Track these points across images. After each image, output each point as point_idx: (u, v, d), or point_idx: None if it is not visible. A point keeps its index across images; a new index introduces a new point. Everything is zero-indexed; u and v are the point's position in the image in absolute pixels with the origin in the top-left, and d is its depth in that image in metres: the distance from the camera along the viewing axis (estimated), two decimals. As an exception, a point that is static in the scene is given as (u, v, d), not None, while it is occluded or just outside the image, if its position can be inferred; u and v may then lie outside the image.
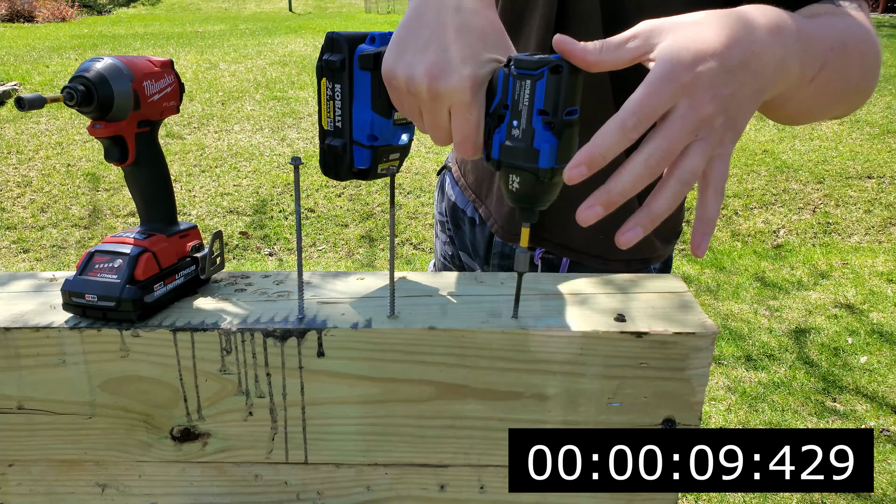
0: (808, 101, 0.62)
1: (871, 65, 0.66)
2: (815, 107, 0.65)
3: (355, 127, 0.61)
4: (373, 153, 0.62)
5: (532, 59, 0.51)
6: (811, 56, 0.57)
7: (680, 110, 0.48)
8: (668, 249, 0.99)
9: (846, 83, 0.64)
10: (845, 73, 0.62)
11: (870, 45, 0.66)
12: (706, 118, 0.49)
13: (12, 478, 0.65)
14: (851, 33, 0.65)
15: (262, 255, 3.65)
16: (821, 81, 0.59)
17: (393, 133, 0.62)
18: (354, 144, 0.61)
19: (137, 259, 0.60)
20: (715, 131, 0.50)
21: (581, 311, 0.61)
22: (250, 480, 0.64)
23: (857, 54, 0.63)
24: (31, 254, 3.60)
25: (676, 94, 0.48)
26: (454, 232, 1.11)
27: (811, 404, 2.47)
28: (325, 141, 0.63)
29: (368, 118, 0.60)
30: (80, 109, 0.57)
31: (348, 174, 0.63)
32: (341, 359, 0.59)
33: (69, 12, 11.91)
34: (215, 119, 5.19)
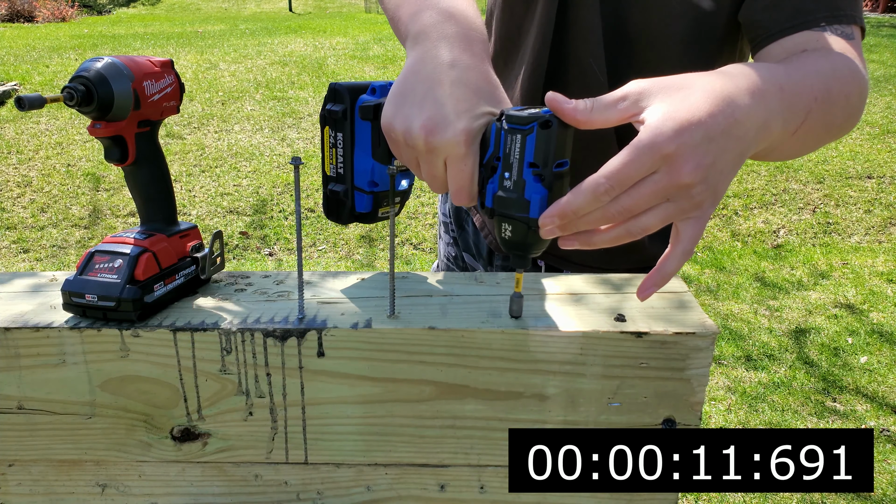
0: (791, 149, 0.65)
1: (855, 104, 0.68)
2: (797, 152, 0.67)
3: (356, 174, 0.64)
4: (373, 199, 0.65)
5: (523, 115, 0.53)
6: (794, 112, 0.58)
7: (657, 175, 0.50)
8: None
9: (829, 126, 0.65)
10: (829, 118, 0.64)
11: (855, 85, 0.67)
12: (682, 186, 0.50)
13: (12, 478, 0.65)
14: (838, 76, 0.66)
15: (262, 255, 3.65)
16: (803, 131, 0.60)
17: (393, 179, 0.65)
18: (356, 190, 0.65)
19: (137, 259, 0.60)
20: (691, 198, 0.51)
21: (581, 311, 0.61)
22: (250, 480, 0.64)
23: (842, 98, 0.65)
24: (31, 254, 3.60)
25: (656, 163, 0.50)
26: (457, 233, 1.11)
27: (811, 404, 2.47)
28: (327, 186, 0.66)
29: (369, 166, 0.64)
30: (80, 109, 0.57)
31: (350, 218, 0.66)
32: (341, 359, 0.59)
33: (69, 12, 11.91)
34: (215, 119, 5.19)
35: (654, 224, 0.51)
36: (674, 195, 0.50)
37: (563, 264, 0.97)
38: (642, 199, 0.50)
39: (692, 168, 0.49)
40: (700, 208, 0.52)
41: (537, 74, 0.87)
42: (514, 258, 0.57)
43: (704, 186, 0.50)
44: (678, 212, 0.51)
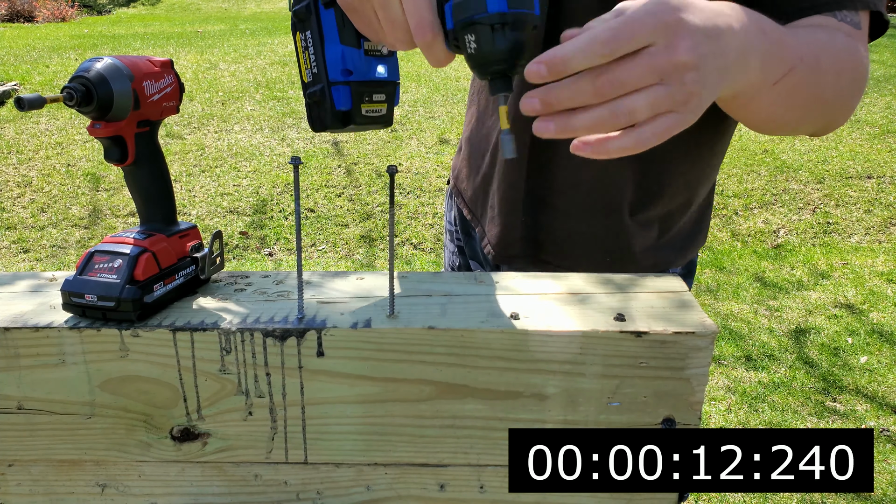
0: (774, 106, 0.63)
1: (849, 85, 0.67)
2: (782, 114, 0.65)
3: (329, 67, 0.62)
4: (351, 90, 0.62)
5: None
6: (775, 58, 0.58)
7: (655, 48, 0.48)
8: (687, 256, 0.98)
9: (817, 97, 0.65)
10: (816, 86, 0.63)
11: (850, 66, 0.67)
12: (678, 65, 0.48)
13: (12, 478, 0.65)
14: (831, 50, 0.65)
15: (261, 255, 3.65)
16: (786, 87, 0.60)
17: (367, 65, 0.63)
18: (332, 85, 0.62)
19: (137, 259, 0.60)
20: (683, 84, 0.48)
21: (580, 310, 0.61)
22: (250, 480, 0.64)
23: (833, 71, 0.64)
24: (31, 254, 3.60)
25: (658, 31, 0.47)
26: (464, 241, 1.10)
27: (811, 404, 2.47)
28: (306, 93, 0.64)
29: (339, 53, 0.62)
30: (80, 109, 0.57)
31: (334, 120, 0.63)
32: (341, 358, 0.59)
33: (69, 12, 11.91)
34: (215, 119, 5.19)
35: (641, 107, 0.48)
36: (668, 75, 0.48)
37: None
38: (636, 70, 0.47)
39: (690, 46, 0.48)
40: (686, 105, 0.49)
41: None
42: (492, 82, 0.52)
43: (697, 76, 0.49)
44: (667, 98, 0.49)
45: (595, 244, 0.93)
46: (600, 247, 0.93)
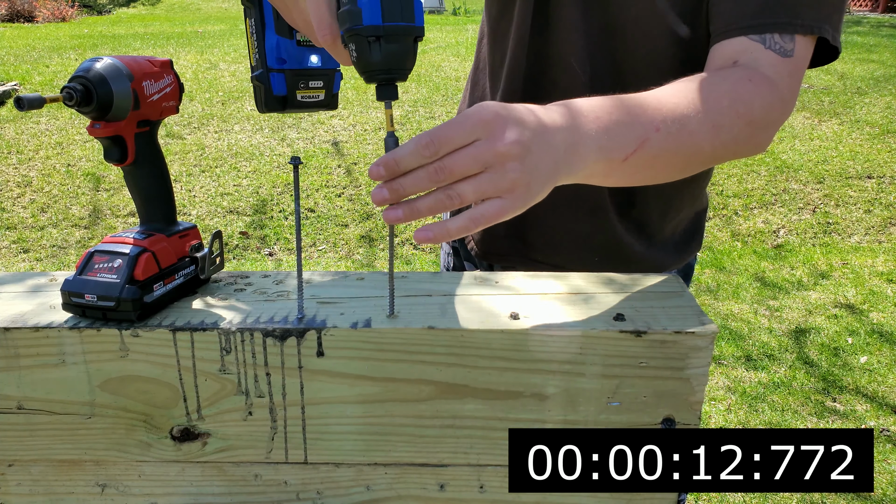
0: (638, 175, 0.65)
1: (742, 130, 0.67)
2: (652, 177, 0.67)
3: (267, 54, 0.66)
4: (285, 77, 0.67)
5: None
6: (615, 139, 0.60)
7: (480, 141, 0.53)
8: (683, 259, 0.98)
9: (690, 155, 0.66)
10: (684, 146, 0.64)
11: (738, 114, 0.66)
12: (498, 155, 0.52)
13: (12, 478, 0.65)
14: (708, 110, 0.65)
15: (261, 255, 3.65)
16: (643, 158, 0.62)
17: (300, 54, 0.68)
18: (270, 72, 0.67)
19: (137, 259, 0.60)
20: (505, 173, 0.53)
21: (580, 310, 0.61)
22: (250, 480, 0.64)
23: (708, 129, 0.65)
24: (31, 254, 3.60)
25: (478, 128, 0.53)
26: (458, 242, 1.10)
27: (811, 404, 2.47)
28: (252, 76, 0.68)
29: (274, 42, 0.66)
30: (80, 109, 0.57)
31: (273, 103, 0.68)
32: (341, 358, 0.59)
33: (69, 12, 11.91)
34: (215, 119, 5.19)
35: (468, 193, 0.53)
36: (492, 164, 0.53)
37: None
38: (463, 160, 0.52)
39: (512, 139, 0.53)
40: (512, 192, 0.54)
41: (515, 74, 0.87)
42: (378, 89, 0.56)
43: (520, 166, 0.53)
44: (492, 186, 0.53)
45: (583, 242, 0.93)
46: (588, 245, 0.93)
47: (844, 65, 6.79)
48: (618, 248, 0.93)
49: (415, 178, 0.54)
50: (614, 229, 0.92)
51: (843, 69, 6.62)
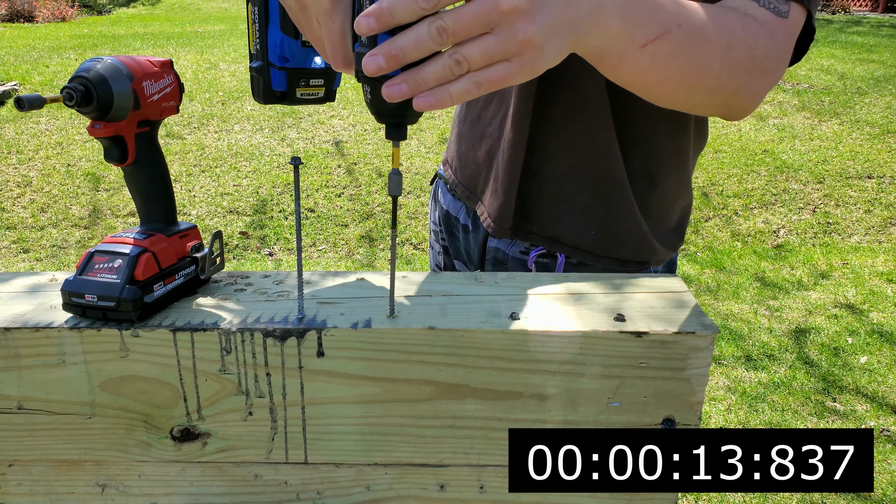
0: (650, 71, 0.61)
1: (745, 63, 0.65)
2: (661, 80, 0.63)
3: (269, 48, 0.65)
4: (287, 75, 0.65)
5: None
6: (640, 18, 0.56)
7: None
8: (668, 254, 0.99)
9: (700, 67, 0.62)
10: (698, 54, 0.61)
11: (746, 44, 0.64)
12: (507, 11, 0.47)
13: (12, 478, 0.65)
14: (724, 24, 0.63)
15: (261, 255, 3.65)
16: (660, 51, 0.58)
17: (304, 55, 0.66)
18: (271, 67, 0.65)
19: (137, 259, 0.60)
20: (514, 33, 0.48)
21: (580, 310, 0.61)
22: (250, 480, 0.64)
23: (721, 44, 0.63)
24: (31, 254, 3.60)
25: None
26: (448, 241, 1.10)
27: (811, 404, 2.47)
28: (250, 65, 0.67)
29: (279, 39, 0.64)
30: (80, 109, 0.57)
31: (270, 97, 0.66)
32: (341, 359, 0.59)
33: (69, 12, 11.91)
34: (215, 119, 5.19)
35: (475, 56, 0.48)
36: (498, 23, 0.48)
37: (555, 246, 0.95)
38: (465, 18, 0.47)
39: None
40: (521, 55, 0.49)
41: None
42: (387, 129, 0.55)
43: (531, 23, 0.48)
44: (500, 47, 0.48)
45: (582, 214, 0.93)
46: (587, 217, 0.93)
47: (844, 65, 6.79)
48: (614, 226, 0.92)
49: (416, 38, 0.48)
50: (615, 206, 0.91)
51: (843, 69, 6.62)
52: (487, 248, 1.01)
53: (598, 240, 0.93)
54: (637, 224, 0.92)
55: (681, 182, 0.96)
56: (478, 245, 1.03)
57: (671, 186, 0.95)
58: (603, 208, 0.92)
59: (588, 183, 0.91)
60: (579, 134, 0.89)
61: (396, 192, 0.56)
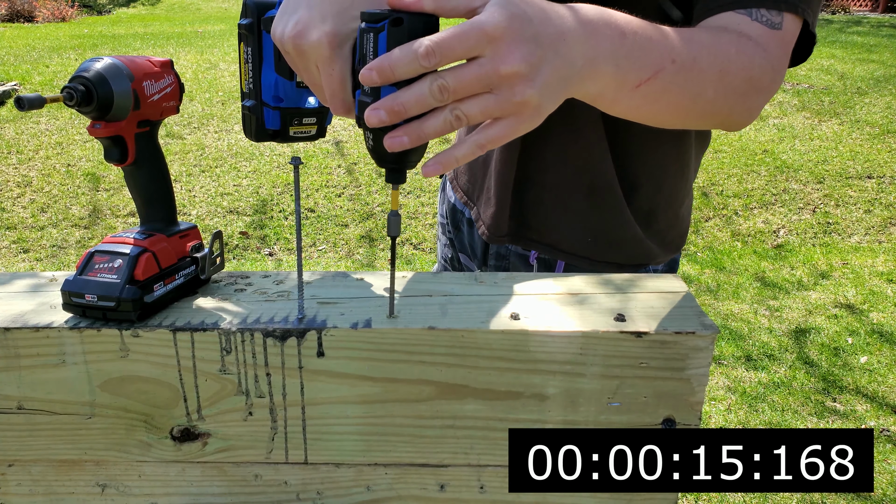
0: (645, 107, 0.62)
1: (741, 85, 0.65)
2: (656, 113, 0.64)
3: (263, 88, 0.65)
4: (280, 115, 0.66)
5: (375, 13, 0.51)
6: (636, 62, 0.57)
7: (484, 59, 0.49)
8: (667, 255, 0.99)
9: (695, 96, 0.63)
10: (692, 86, 0.62)
11: (740, 67, 0.64)
12: (506, 75, 0.49)
13: (12, 478, 0.65)
14: (716, 50, 0.64)
15: (262, 255, 3.65)
16: (654, 89, 0.59)
17: (298, 95, 0.66)
18: (264, 106, 0.65)
19: (137, 259, 0.60)
20: (513, 94, 0.49)
21: (581, 310, 0.61)
22: (250, 480, 0.64)
23: (715, 73, 0.63)
24: (31, 254, 3.60)
25: (482, 42, 0.48)
26: (454, 234, 1.12)
27: (811, 404, 2.47)
28: (242, 102, 0.67)
29: (273, 80, 0.65)
30: (80, 109, 0.57)
31: (262, 135, 0.66)
32: (341, 359, 0.59)
33: (69, 12, 11.90)
34: (215, 119, 5.19)
35: (475, 113, 0.50)
36: (497, 85, 0.49)
37: (552, 253, 0.95)
38: (466, 79, 0.49)
39: (519, 59, 0.49)
40: (520, 114, 0.51)
41: None
42: (387, 172, 0.56)
43: (529, 86, 0.49)
44: (499, 107, 0.50)
45: (579, 221, 0.93)
46: (584, 225, 0.93)
47: (844, 65, 6.79)
48: (612, 232, 0.93)
49: (417, 95, 0.49)
50: (611, 213, 0.92)
51: (843, 69, 6.62)
52: (490, 244, 1.02)
53: (595, 246, 0.94)
54: (633, 230, 0.93)
55: (684, 185, 0.97)
56: (481, 240, 1.04)
57: (674, 191, 0.95)
58: (598, 216, 0.93)
59: (584, 191, 0.92)
60: (572, 144, 0.90)
61: (395, 232, 0.57)
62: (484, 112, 0.50)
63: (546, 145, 0.92)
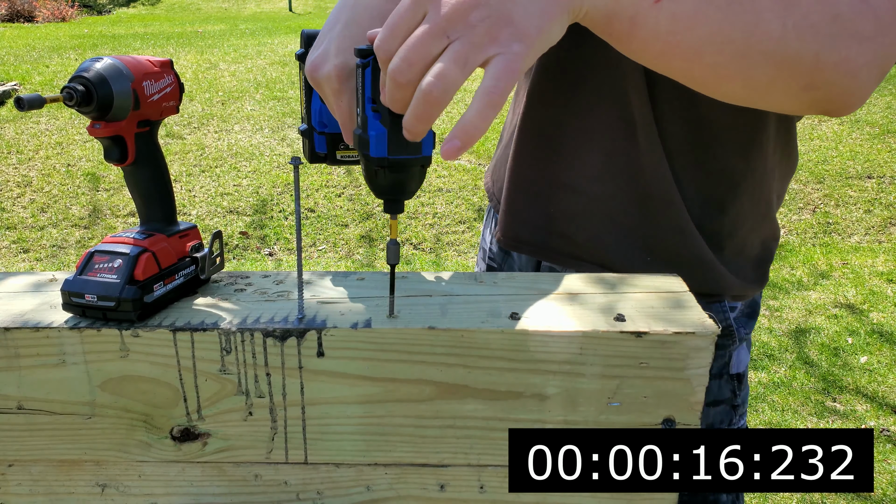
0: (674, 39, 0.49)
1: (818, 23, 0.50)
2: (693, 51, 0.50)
3: (312, 114, 0.69)
4: (326, 139, 0.69)
5: (363, 49, 0.52)
6: None
7: (427, 16, 0.45)
8: (747, 290, 0.84)
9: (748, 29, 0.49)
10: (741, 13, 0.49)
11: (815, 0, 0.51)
12: (453, 15, 0.45)
13: (12, 478, 0.65)
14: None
15: (262, 255, 3.65)
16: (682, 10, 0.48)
17: None
18: (314, 131, 0.69)
19: (137, 259, 0.60)
20: (472, 27, 0.45)
21: (581, 310, 0.61)
22: (250, 480, 0.64)
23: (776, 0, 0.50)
24: (31, 254, 3.60)
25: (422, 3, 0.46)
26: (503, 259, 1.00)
27: (811, 404, 2.47)
28: (299, 126, 0.71)
29: (318, 106, 0.68)
30: (80, 109, 0.57)
31: (314, 157, 0.70)
32: (341, 359, 0.59)
33: (69, 12, 11.90)
34: (215, 119, 5.19)
35: (450, 70, 0.44)
36: (452, 30, 0.45)
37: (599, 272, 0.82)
38: (420, 42, 0.45)
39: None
40: (496, 42, 0.45)
41: None
42: (385, 203, 0.58)
43: (486, 11, 0.44)
44: (471, 49, 0.45)
45: (631, 236, 0.81)
46: (635, 240, 0.81)
47: (844, 65, 6.78)
48: (676, 248, 0.80)
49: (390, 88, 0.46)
50: (676, 225, 0.79)
51: (843, 69, 6.61)
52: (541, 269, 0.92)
53: (653, 266, 0.80)
54: (700, 249, 0.80)
55: (757, 209, 0.82)
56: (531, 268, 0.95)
57: (745, 213, 0.81)
58: (652, 230, 0.80)
59: (635, 202, 0.80)
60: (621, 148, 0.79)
61: (395, 260, 0.59)
62: (457, 62, 0.45)
63: (585, 147, 0.81)
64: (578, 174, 0.82)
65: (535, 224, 0.87)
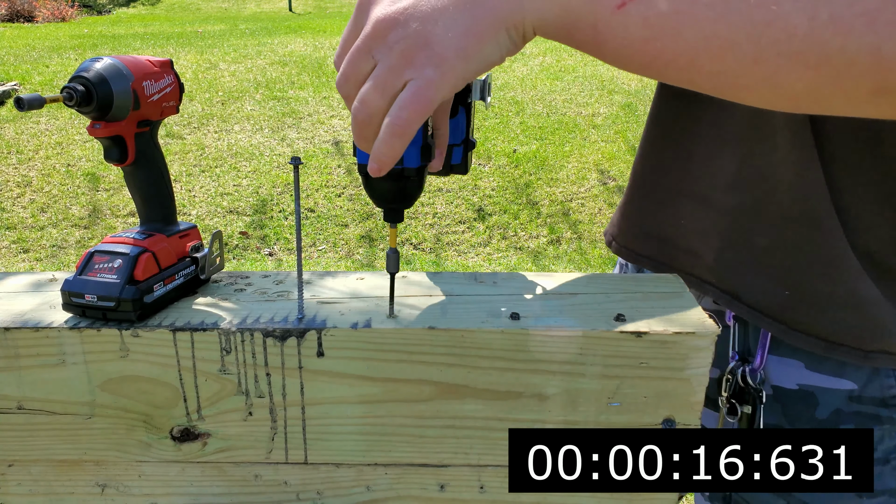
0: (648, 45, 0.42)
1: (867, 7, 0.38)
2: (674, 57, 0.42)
3: None
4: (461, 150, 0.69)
5: None
6: None
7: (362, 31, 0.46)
8: None
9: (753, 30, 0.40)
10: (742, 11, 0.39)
11: None
12: (374, 33, 0.44)
13: (12, 478, 0.65)
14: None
15: (262, 255, 3.65)
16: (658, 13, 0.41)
17: None
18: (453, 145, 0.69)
19: (137, 259, 0.60)
20: (390, 49, 0.44)
21: (581, 310, 0.61)
22: (250, 480, 0.64)
23: None
24: (31, 254, 3.60)
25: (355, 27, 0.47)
26: None
27: None
28: None
29: None
30: (80, 109, 0.57)
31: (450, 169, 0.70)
32: (341, 359, 0.59)
33: (69, 12, 11.90)
34: (215, 119, 5.19)
35: (370, 97, 0.44)
36: (375, 49, 0.44)
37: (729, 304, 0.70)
38: (350, 59, 0.45)
39: (381, 10, 0.44)
40: (411, 65, 0.43)
41: None
42: (385, 212, 0.60)
43: (402, 32, 0.43)
44: (388, 73, 0.44)
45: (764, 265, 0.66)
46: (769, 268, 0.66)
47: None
48: (825, 282, 0.62)
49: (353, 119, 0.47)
50: (817, 251, 0.62)
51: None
52: None
53: (788, 303, 0.64)
54: (857, 283, 0.61)
55: None
56: None
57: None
58: (790, 258, 0.64)
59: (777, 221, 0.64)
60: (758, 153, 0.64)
61: (394, 269, 0.60)
62: (377, 85, 0.44)
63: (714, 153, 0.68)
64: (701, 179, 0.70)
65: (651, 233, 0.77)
